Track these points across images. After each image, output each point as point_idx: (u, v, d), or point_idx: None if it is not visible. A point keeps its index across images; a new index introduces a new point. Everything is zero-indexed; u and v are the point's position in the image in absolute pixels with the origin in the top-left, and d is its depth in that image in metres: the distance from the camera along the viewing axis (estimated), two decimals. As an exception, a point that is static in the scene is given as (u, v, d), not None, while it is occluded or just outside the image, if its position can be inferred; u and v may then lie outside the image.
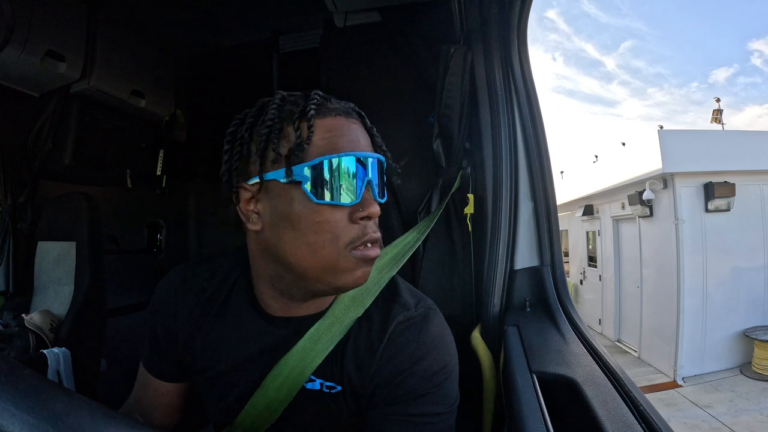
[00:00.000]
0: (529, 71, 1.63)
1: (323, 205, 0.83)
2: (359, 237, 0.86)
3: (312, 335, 0.96)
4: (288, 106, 0.88)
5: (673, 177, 8.74)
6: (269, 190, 0.86)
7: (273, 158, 0.85)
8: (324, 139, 0.85)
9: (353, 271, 0.87)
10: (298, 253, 0.85)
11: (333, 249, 0.84)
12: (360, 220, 0.86)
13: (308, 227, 0.84)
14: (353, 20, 2.39)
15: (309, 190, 0.82)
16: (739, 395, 7.59)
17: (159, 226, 3.28)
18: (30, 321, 2.06)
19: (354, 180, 0.85)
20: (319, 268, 0.86)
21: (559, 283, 1.52)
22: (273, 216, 0.87)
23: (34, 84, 2.36)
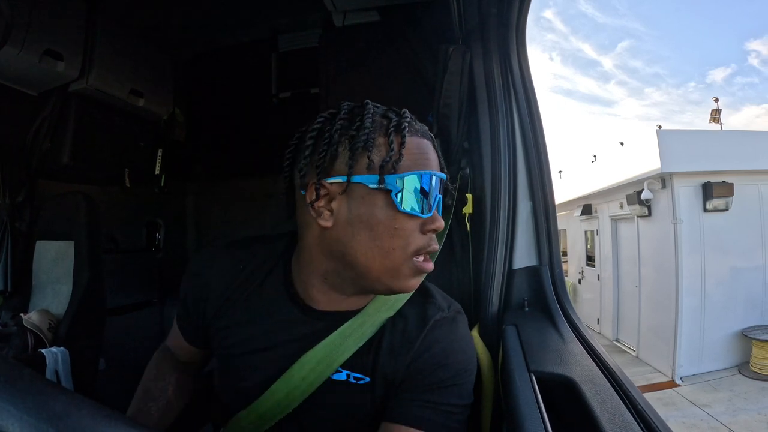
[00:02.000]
0: (527, 71, 1.63)
1: (403, 214, 0.91)
2: (425, 246, 0.94)
3: (343, 331, 1.02)
4: (378, 118, 0.94)
5: (672, 177, 8.74)
6: (352, 191, 0.91)
7: (366, 164, 0.89)
8: (412, 155, 0.92)
9: (410, 278, 0.95)
10: (369, 253, 0.92)
11: (402, 254, 0.92)
12: (428, 232, 0.95)
13: (385, 231, 0.91)
14: (352, 19, 2.39)
15: (397, 199, 0.89)
16: (738, 395, 7.60)
17: (157, 226, 3.28)
18: (28, 320, 2.06)
19: (431, 196, 0.93)
20: (383, 270, 0.93)
21: (558, 282, 1.52)
22: (350, 216, 0.92)
23: (33, 83, 2.35)
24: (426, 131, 0.99)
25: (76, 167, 2.56)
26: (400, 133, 0.92)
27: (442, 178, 0.96)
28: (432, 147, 0.98)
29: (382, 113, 0.96)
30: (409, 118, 0.95)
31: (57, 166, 2.49)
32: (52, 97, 2.42)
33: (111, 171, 2.83)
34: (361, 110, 0.94)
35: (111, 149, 2.75)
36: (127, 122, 2.84)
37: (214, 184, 3.34)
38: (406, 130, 0.92)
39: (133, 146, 2.93)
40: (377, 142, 0.91)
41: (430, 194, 0.93)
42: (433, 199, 0.94)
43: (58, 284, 2.28)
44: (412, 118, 0.97)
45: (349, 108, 0.96)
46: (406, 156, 0.91)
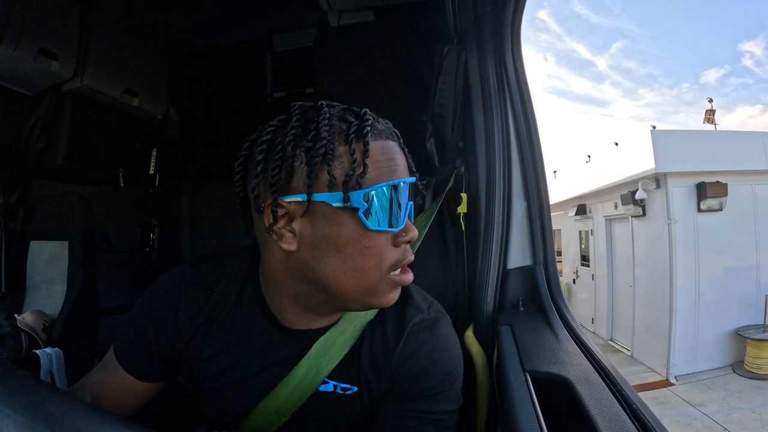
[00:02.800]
0: (522, 71, 1.63)
1: (374, 231, 0.82)
2: (400, 260, 0.87)
3: (326, 340, 0.97)
4: (336, 122, 0.83)
5: (666, 177, 8.78)
6: (314, 211, 0.82)
7: (327, 181, 0.79)
8: (377, 164, 0.82)
9: (389, 293, 0.88)
10: (342, 276, 0.84)
11: (377, 273, 0.85)
12: (402, 244, 0.87)
13: (355, 252, 0.83)
14: (347, 19, 2.39)
15: (365, 218, 0.80)
16: (732, 394, 7.63)
17: (152, 226, 3.27)
18: (22, 321, 2.05)
19: (402, 206, 0.84)
20: (360, 290, 0.85)
21: (552, 282, 1.53)
22: (315, 238, 0.83)
23: (27, 82, 2.35)
24: (390, 130, 0.90)
25: (71, 167, 2.55)
26: (363, 138, 0.81)
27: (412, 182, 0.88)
28: (398, 148, 0.89)
29: (339, 115, 0.84)
30: (371, 119, 0.85)
31: (51, 166, 2.48)
32: (47, 96, 2.41)
33: (105, 171, 2.82)
34: (316, 114, 0.84)
35: (105, 149, 2.75)
36: (122, 122, 2.83)
37: (208, 184, 3.33)
38: (369, 135, 0.82)
39: (128, 146, 2.93)
40: (337, 152, 0.80)
41: (399, 205, 0.84)
42: (404, 208, 0.85)
43: (53, 284, 2.27)
44: (375, 118, 0.87)
45: (301, 111, 0.85)
46: (371, 165, 0.81)
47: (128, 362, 1.05)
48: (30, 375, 0.42)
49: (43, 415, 0.37)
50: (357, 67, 2.39)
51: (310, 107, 0.86)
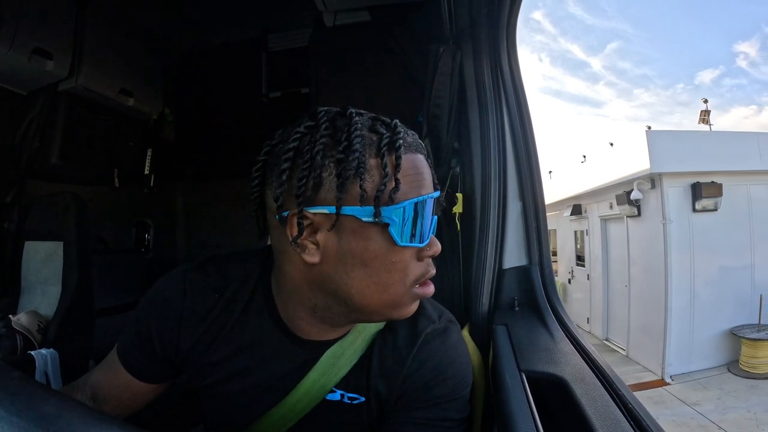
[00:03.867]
0: (517, 71, 1.63)
1: (400, 246, 0.80)
2: (423, 274, 0.85)
3: (335, 351, 0.95)
4: (366, 132, 0.80)
5: (661, 177, 8.79)
6: (342, 224, 0.79)
7: (359, 195, 0.76)
8: (407, 178, 0.80)
9: (410, 305, 0.87)
10: (366, 291, 0.82)
11: (401, 287, 0.83)
12: (425, 258, 0.86)
13: (382, 266, 0.81)
14: (343, 19, 2.39)
15: (395, 234, 0.78)
16: (727, 393, 7.65)
17: (147, 226, 3.27)
18: (17, 322, 2.05)
19: (428, 221, 0.83)
20: (383, 304, 0.84)
21: (548, 282, 1.53)
22: (340, 251, 0.80)
23: (22, 82, 2.34)
24: (418, 143, 0.87)
25: (65, 167, 2.55)
26: (395, 152, 0.78)
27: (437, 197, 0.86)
28: (425, 161, 0.86)
29: (369, 126, 0.82)
30: (402, 131, 0.82)
31: (46, 166, 2.48)
32: (42, 96, 2.41)
33: (100, 171, 2.82)
34: (346, 123, 0.80)
35: (100, 149, 2.74)
36: (117, 122, 2.83)
37: (203, 184, 3.33)
38: (401, 149, 0.79)
39: (123, 146, 2.92)
40: (368, 165, 0.78)
41: (426, 220, 0.82)
42: (429, 223, 0.83)
43: (47, 285, 2.26)
44: (405, 130, 0.84)
45: (329, 118, 0.82)
46: (402, 180, 0.78)
47: (131, 363, 1.02)
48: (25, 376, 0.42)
49: (37, 416, 0.37)
50: (352, 66, 2.38)
51: (339, 114, 0.83)
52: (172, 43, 3.10)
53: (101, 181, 2.86)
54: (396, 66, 2.22)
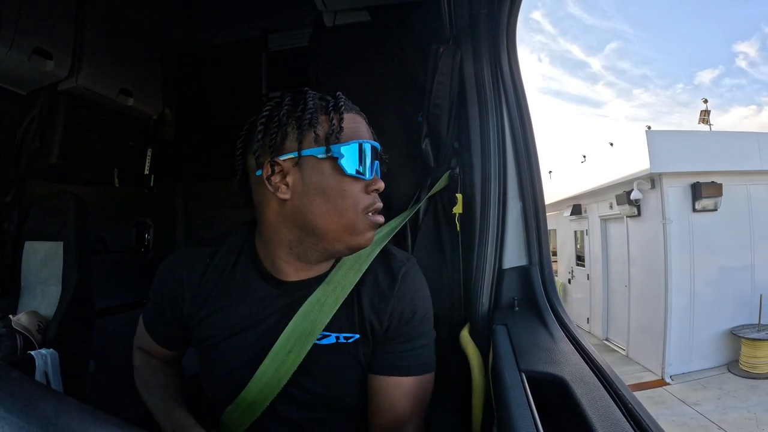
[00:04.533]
0: (517, 71, 1.63)
1: (349, 177, 1.05)
2: (371, 204, 1.09)
3: (318, 298, 1.13)
4: (318, 101, 1.09)
5: (661, 177, 8.80)
6: (303, 164, 1.05)
7: (314, 138, 1.05)
8: (350, 129, 1.07)
9: (365, 233, 1.09)
10: (326, 216, 1.05)
11: (354, 213, 1.06)
12: (372, 192, 1.09)
13: (337, 195, 1.05)
14: (343, 19, 2.39)
15: (343, 164, 1.04)
16: (727, 393, 7.65)
17: (147, 226, 3.26)
18: (17, 322, 2.04)
19: (371, 161, 1.08)
20: (341, 228, 1.06)
21: (548, 282, 1.53)
22: (304, 186, 1.05)
23: (22, 82, 2.34)
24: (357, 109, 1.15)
25: (65, 167, 2.54)
26: (338, 110, 1.07)
27: (376, 147, 1.11)
28: (364, 121, 1.14)
29: (320, 97, 1.11)
30: (344, 99, 1.12)
31: (46, 166, 2.48)
32: (41, 96, 2.40)
33: (100, 171, 2.81)
34: (302, 96, 1.10)
35: (100, 149, 2.74)
36: (117, 122, 2.82)
37: (203, 184, 3.33)
38: (343, 108, 1.08)
39: (123, 146, 2.92)
40: (320, 119, 1.07)
41: (367, 160, 1.07)
42: (371, 163, 1.09)
43: (47, 285, 2.26)
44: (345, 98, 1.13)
45: (291, 95, 1.11)
46: (345, 129, 1.06)
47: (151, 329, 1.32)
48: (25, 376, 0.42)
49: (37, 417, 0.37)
50: (352, 67, 2.38)
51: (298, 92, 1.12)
52: (172, 43, 3.10)
53: (101, 181, 2.86)
54: (396, 66, 2.22)
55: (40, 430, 0.36)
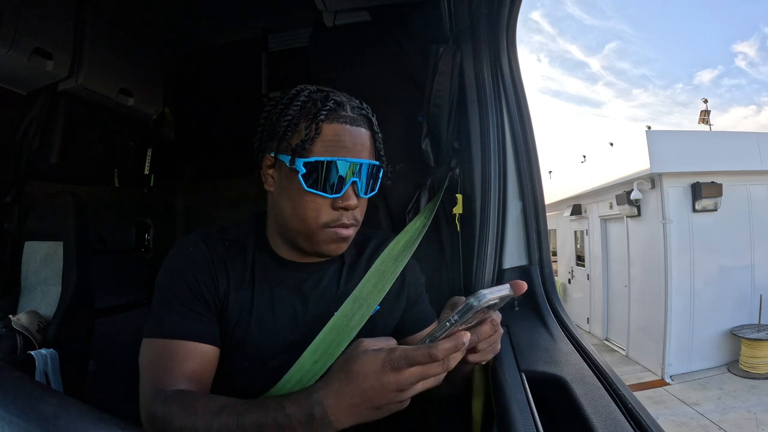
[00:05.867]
0: (517, 71, 1.63)
1: (310, 192, 1.05)
2: (335, 220, 1.09)
3: (345, 314, 1.14)
4: (310, 104, 1.09)
5: (661, 177, 8.80)
6: (279, 166, 1.10)
7: (285, 146, 1.07)
8: (326, 142, 1.05)
9: (329, 243, 1.11)
10: (291, 218, 1.09)
11: (314, 224, 1.08)
12: (338, 208, 1.08)
13: (299, 203, 1.07)
14: (343, 19, 2.38)
15: (302, 180, 1.04)
16: (727, 393, 7.66)
17: (147, 226, 3.26)
18: (17, 322, 2.05)
19: (337, 180, 1.06)
20: (302, 233, 1.10)
21: (548, 282, 1.53)
22: (279, 184, 1.11)
23: (21, 82, 2.34)
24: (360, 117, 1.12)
25: (65, 167, 2.54)
26: (316, 120, 1.04)
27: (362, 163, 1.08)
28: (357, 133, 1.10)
29: (317, 99, 1.09)
30: (332, 105, 1.07)
31: (45, 166, 2.47)
32: (41, 96, 2.40)
33: (100, 171, 2.81)
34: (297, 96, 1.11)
35: (100, 149, 2.74)
36: (117, 122, 2.82)
37: (203, 183, 3.32)
38: (322, 119, 1.05)
39: (123, 146, 2.92)
40: (299, 127, 1.07)
41: (338, 178, 1.05)
42: (343, 181, 1.06)
43: (47, 285, 2.26)
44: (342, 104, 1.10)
45: (293, 93, 1.12)
46: (320, 143, 1.05)
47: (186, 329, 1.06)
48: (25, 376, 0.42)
49: (37, 417, 0.37)
50: (352, 67, 2.38)
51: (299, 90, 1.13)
52: (172, 43, 3.09)
53: (101, 181, 2.86)
54: (396, 66, 2.22)
55: (40, 430, 0.36)
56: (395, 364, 0.81)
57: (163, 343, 1.04)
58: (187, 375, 1.01)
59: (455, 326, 0.81)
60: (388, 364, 0.81)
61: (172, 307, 1.07)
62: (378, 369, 0.81)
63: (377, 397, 0.82)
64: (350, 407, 0.83)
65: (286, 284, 1.17)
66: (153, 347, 1.05)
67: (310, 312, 1.16)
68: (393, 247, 1.34)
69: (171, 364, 1.01)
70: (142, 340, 1.08)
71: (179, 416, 0.89)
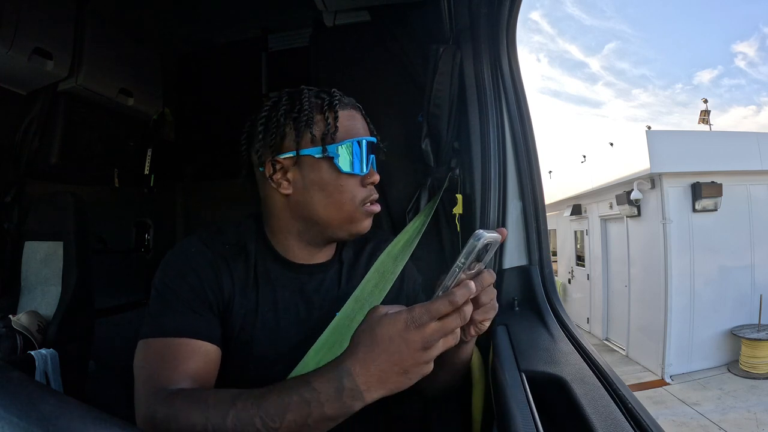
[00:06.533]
0: (517, 71, 1.63)
1: (345, 174, 1.12)
2: (368, 196, 1.17)
3: (348, 314, 1.17)
4: (313, 99, 1.16)
5: (661, 177, 8.80)
6: (302, 162, 1.13)
7: (310, 139, 1.11)
8: (345, 127, 1.14)
9: (363, 221, 1.18)
10: (327, 209, 1.14)
11: (351, 205, 1.14)
12: (368, 185, 1.17)
13: (335, 190, 1.13)
14: (343, 19, 2.38)
15: (339, 163, 1.11)
16: (727, 393, 7.66)
17: (147, 226, 3.26)
18: (17, 322, 2.04)
19: (365, 157, 1.15)
20: (341, 219, 1.15)
21: (548, 282, 1.53)
22: (305, 183, 1.13)
23: (22, 82, 2.34)
24: (353, 102, 1.22)
25: (65, 167, 2.54)
26: (333, 109, 1.13)
27: (372, 141, 1.18)
28: (360, 115, 1.21)
29: (315, 94, 1.17)
30: (339, 95, 1.18)
31: (45, 166, 2.47)
32: (41, 96, 2.40)
33: (100, 171, 2.81)
34: (299, 95, 1.16)
35: (100, 149, 2.74)
36: (117, 122, 2.82)
37: (203, 184, 3.32)
38: (338, 106, 1.14)
39: (123, 146, 2.92)
40: (316, 119, 1.12)
41: (362, 156, 1.14)
42: (366, 159, 1.15)
43: (47, 285, 2.26)
44: (340, 94, 1.19)
45: (288, 94, 1.18)
46: (340, 127, 1.12)
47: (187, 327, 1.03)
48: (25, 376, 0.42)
49: (37, 417, 0.37)
50: (352, 67, 2.38)
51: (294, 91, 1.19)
52: (172, 43, 3.09)
53: (101, 181, 2.85)
54: (396, 66, 2.22)
55: (40, 430, 0.36)
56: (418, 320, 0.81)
57: (163, 342, 1.01)
58: (190, 374, 0.98)
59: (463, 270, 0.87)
60: (411, 322, 0.81)
61: (172, 307, 1.05)
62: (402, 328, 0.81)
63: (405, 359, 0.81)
64: (380, 374, 0.81)
65: (289, 286, 1.20)
66: (151, 347, 1.02)
67: (313, 313, 1.19)
68: (392, 247, 1.38)
69: (173, 362, 0.98)
70: (138, 342, 1.05)
71: (186, 412, 0.86)
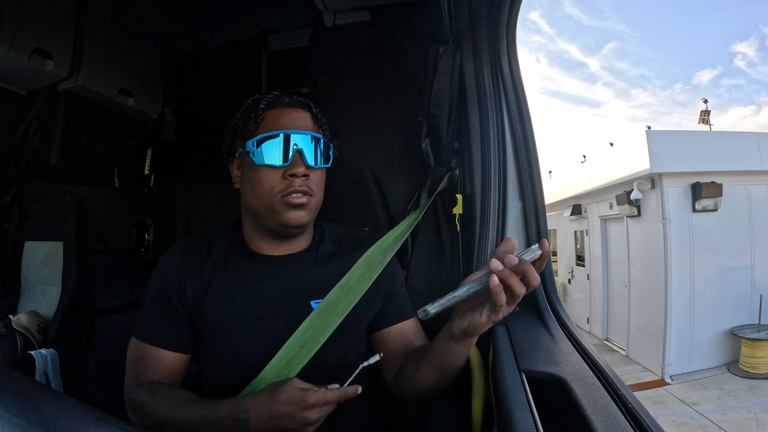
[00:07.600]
0: (517, 71, 1.63)
1: (263, 166, 1.22)
2: (287, 188, 1.21)
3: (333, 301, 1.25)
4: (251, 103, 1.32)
5: (661, 177, 8.80)
6: (241, 159, 1.29)
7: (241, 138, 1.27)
8: (267, 124, 1.25)
9: (286, 212, 1.22)
10: (252, 200, 1.25)
11: (269, 196, 1.22)
12: (288, 177, 1.21)
13: (256, 182, 1.23)
14: (343, 19, 2.38)
15: (254, 157, 1.22)
16: (727, 393, 7.66)
17: (147, 226, 3.26)
18: (17, 322, 2.04)
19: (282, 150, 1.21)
20: (264, 209, 1.24)
21: (548, 282, 1.53)
22: (242, 176, 1.29)
23: (22, 82, 2.33)
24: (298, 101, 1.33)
25: (65, 167, 2.54)
26: (256, 109, 1.27)
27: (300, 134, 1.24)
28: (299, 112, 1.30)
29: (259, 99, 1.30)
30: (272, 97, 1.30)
31: (45, 166, 2.47)
32: (41, 96, 2.40)
33: (100, 171, 2.81)
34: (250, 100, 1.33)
35: (100, 149, 2.73)
36: (117, 122, 2.82)
37: (203, 184, 3.32)
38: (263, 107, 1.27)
39: (123, 146, 2.91)
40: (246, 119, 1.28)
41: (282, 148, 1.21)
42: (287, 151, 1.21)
43: (47, 285, 2.26)
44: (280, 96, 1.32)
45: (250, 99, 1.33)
46: (263, 126, 1.25)
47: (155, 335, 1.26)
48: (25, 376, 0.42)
49: (37, 417, 0.37)
50: (352, 67, 2.38)
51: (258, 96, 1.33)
52: (172, 43, 3.09)
53: (101, 181, 2.85)
54: (396, 66, 2.22)
55: (40, 430, 0.36)
56: (308, 403, 1.01)
57: (138, 345, 1.28)
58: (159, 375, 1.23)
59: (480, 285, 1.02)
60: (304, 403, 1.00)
61: (146, 312, 1.30)
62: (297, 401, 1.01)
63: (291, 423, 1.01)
64: (268, 421, 1.01)
65: (260, 277, 1.29)
66: (135, 346, 1.29)
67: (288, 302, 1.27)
68: (383, 241, 1.44)
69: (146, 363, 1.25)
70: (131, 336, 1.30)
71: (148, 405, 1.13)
